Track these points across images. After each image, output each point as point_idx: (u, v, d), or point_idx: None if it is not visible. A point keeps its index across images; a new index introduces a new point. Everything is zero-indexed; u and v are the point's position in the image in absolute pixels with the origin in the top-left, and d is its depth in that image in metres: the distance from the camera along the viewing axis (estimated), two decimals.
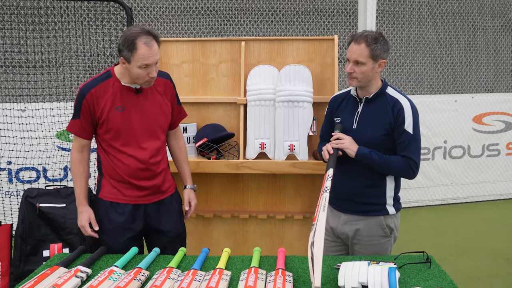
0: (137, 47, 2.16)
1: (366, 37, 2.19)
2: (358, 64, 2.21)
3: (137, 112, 2.34)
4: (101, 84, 2.29)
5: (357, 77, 2.24)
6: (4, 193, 4.45)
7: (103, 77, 2.32)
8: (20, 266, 3.09)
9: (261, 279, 1.86)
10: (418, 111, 2.33)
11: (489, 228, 4.92)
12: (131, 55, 2.18)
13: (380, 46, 2.20)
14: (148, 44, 2.17)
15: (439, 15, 5.89)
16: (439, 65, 6.00)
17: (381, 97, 2.31)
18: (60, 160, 4.43)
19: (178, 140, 2.64)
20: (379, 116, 2.29)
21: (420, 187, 5.60)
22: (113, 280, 1.87)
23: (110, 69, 2.34)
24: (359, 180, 2.34)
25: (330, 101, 2.52)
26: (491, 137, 5.74)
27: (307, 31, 5.60)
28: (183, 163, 2.64)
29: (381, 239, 2.39)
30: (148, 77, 2.24)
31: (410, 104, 2.28)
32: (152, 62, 2.20)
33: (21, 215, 3.13)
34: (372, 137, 2.28)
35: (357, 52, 2.20)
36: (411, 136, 2.25)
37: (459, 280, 1.96)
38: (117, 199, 2.40)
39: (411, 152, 2.26)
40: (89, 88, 2.28)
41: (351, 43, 2.24)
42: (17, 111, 4.27)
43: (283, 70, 3.04)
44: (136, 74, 2.23)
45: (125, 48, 2.18)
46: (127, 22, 3.28)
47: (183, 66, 3.26)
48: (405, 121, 2.24)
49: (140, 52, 2.16)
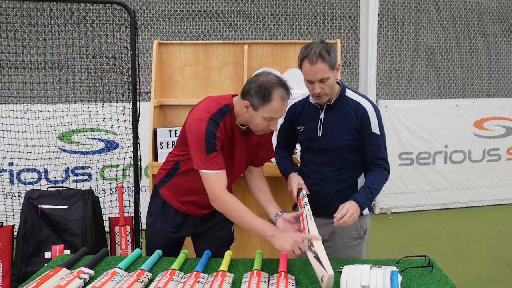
0: (272, 99, 2.04)
1: (320, 53, 2.11)
2: (323, 81, 2.16)
3: (236, 152, 2.25)
4: (223, 120, 2.13)
5: (326, 92, 2.21)
6: (5, 194, 4.45)
7: (224, 111, 2.14)
8: (21, 267, 3.09)
9: (263, 282, 1.87)
10: (420, 115, 2.36)
11: (490, 233, 4.92)
12: (263, 105, 2.06)
13: (333, 55, 2.16)
14: (283, 99, 2.07)
15: (441, 20, 5.91)
16: (440, 70, 6.02)
17: (341, 102, 2.29)
18: (62, 162, 4.43)
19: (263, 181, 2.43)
20: (342, 121, 2.28)
21: (421, 191, 5.61)
22: (116, 281, 1.87)
23: (230, 103, 2.16)
24: (330, 186, 2.34)
25: (289, 109, 2.41)
26: (492, 142, 5.75)
27: (309, 35, 5.62)
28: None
29: (355, 241, 2.38)
30: (267, 128, 2.14)
31: (372, 104, 2.30)
32: (279, 117, 2.12)
33: (23, 216, 3.13)
34: (338, 142, 2.29)
35: (319, 71, 2.13)
36: (379, 137, 2.29)
37: (460, 285, 1.97)
38: (173, 204, 2.37)
39: (382, 152, 2.31)
40: (218, 122, 2.11)
41: (305, 63, 2.15)
42: (20, 113, 4.28)
43: (285, 74, 3.05)
44: (257, 123, 2.11)
45: (258, 96, 2.06)
46: (131, 25, 3.29)
47: (186, 69, 3.27)
48: (371, 123, 2.26)
49: (273, 105, 2.05)
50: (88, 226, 3.16)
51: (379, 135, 2.28)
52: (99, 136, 4.53)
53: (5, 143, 4.08)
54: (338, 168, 2.32)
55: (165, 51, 3.24)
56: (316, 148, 2.35)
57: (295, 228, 2.17)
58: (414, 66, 5.89)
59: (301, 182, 2.35)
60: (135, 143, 3.38)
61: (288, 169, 2.45)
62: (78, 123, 4.27)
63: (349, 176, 2.33)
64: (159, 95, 3.21)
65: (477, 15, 5.97)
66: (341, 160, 2.31)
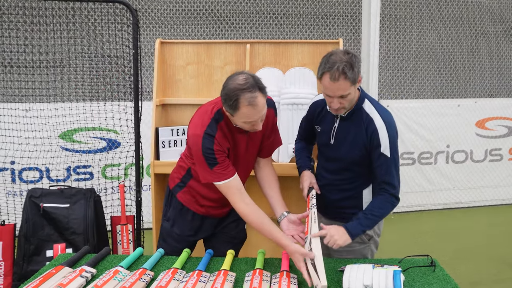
0: (240, 107, 1.95)
1: (343, 70, 1.97)
2: (343, 97, 2.05)
3: (241, 151, 2.22)
4: (219, 128, 2.09)
5: (345, 107, 2.11)
6: (7, 192, 4.46)
7: (217, 119, 2.10)
8: (23, 266, 3.09)
9: (266, 281, 1.86)
10: (422, 114, 2.31)
11: (491, 233, 4.91)
12: (234, 112, 1.99)
13: (356, 70, 2.02)
14: (252, 104, 1.94)
15: (443, 20, 5.90)
16: (442, 70, 6.01)
17: (357, 114, 2.17)
18: (64, 161, 4.44)
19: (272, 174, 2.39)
20: (353, 135, 2.18)
21: (423, 191, 5.60)
22: (118, 280, 1.87)
23: (221, 107, 2.10)
24: (334, 193, 2.31)
25: (311, 106, 2.38)
26: (494, 142, 5.74)
27: (311, 35, 5.61)
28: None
29: (358, 245, 2.33)
30: (254, 128, 2.07)
31: (385, 123, 2.12)
32: (257, 119, 2.02)
33: (25, 214, 3.13)
34: (347, 155, 2.21)
35: (340, 89, 2.01)
36: (389, 160, 2.11)
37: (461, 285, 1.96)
38: (191, 207, 2.37)
39: (390, 176, 2.14)
40: (213, 135, 2.06)
41: (325, 77, 2.01)
42: (22, 111, 4.28)
43: (287, 73, 3.05)
44: (241, 126, 2.07)
45: (227, 104, 1.98)
46: (133, 24, 3.29)
47: (188, 67, 3.27)
48: (381, 144, 2.10)
49: (243, 112, 1.96)
50: (90, 225, 3.16)
51: (389, 157, 2.11)
52: (101, 135, 4.53)
53: (7, 141, 4.08)
54: (345, 178, 2.27)
55: (167, 50, 3.24)
56: (327, 155, 2.31)
57: (299, 230, 2.16)
58: (416, 66, 5.88)
59: (313, 181, 2.33)
60: (137, 142, 3.38)
61: (303, 165, 2.41)
62: (80, 122, 4.28)
63: (354, 187, 2.28)
64: (161, 94, 3.21)
65: (479, 15, 5.95)
66: (349, 171, 2.26)
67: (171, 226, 2.41)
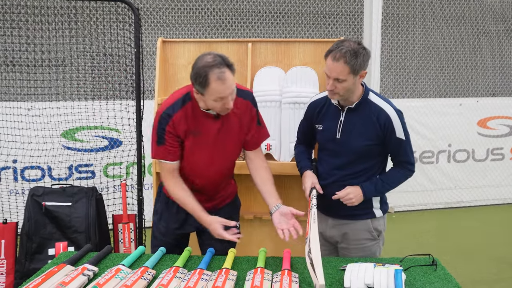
0: (209, 82, 2.01)
1: (345, 54, 2.05)
2: (339, 81, 2.11)
3: (211, 138, 2.24)
4: (181, 110, 2.18)
5: (339, 92, 2.16)
6: (9, 191, 4.47)
7: (184, 100, 2.19)
8: (25, 264, 3.10)
9: (267, 280, 1.87)
10: (423, 113, 2.35)
11: (493, 232, 4.91)
12: (204, 90, 2.04)
13: (360, 61, 2.08)
14: (221, 78, 2.00)
15: (444, 19, 5.89)
16: (444, 69, 6.00)
17: (363, 105, 2.23)
18: (66, 159, 4.44)
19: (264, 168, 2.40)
20: (363, 126, 2.23)
21: (424, 190, 5.60)
22: (119, 278, 1.88)
23: (190, 91, 2.19)
24: (341, 190, 2.30)
25: (309, 106, 2.42)
26: (495, 141, 5.73)
27: (313, 33, 5.61)
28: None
29: (369, 242, 2.36)
30: (225, 108, 2.11)
31: (394, 109, 2.23)
32: (227, 95, 2.06)
33: (27, 213, 3.14)
34: (357, 147, 2.24)
35: (336, 70, 2.09)
36: (404, 142, 2.24)
37: (462, 284, 1.96)
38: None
39: (407, 155, 2.29)
40: (171, 114, 2.16)
41: (328, 57, 2.11)
42: (24, 110, 4.29)
43: (289, 72, 3.05)
44: (211, 106, 2.11)
45: (197, 82, 2.05)
46: (135, 22, 3.29)
47: (190, 67, 3.20)
48: (395, 130, 2.21)
49: (213, 87, 2.01)
50: (92, 223, 3.16)
51: (404, 140, 2.24)
52: (102, 134, 4.54)
53: (9, 140, 4.09)
54: (352, 173, 2.29)
55: (169, 49, 3.24)
56: (333, 150, 2.32)
57: (291, 224, 2.16)
58: (417, 65, 5.87)
59: (315, 181, 2.34)
60: (138, 141, 3.38)
61: (304, 166, 2.43)
62: (81, 120, 4.29)
63: (361, 181, 2.30)
64: (162, 93, 3.21)
65: (481, 14, 5.94)
66: (356, 165, 2.28)
67: (159, 219, 2.45)
